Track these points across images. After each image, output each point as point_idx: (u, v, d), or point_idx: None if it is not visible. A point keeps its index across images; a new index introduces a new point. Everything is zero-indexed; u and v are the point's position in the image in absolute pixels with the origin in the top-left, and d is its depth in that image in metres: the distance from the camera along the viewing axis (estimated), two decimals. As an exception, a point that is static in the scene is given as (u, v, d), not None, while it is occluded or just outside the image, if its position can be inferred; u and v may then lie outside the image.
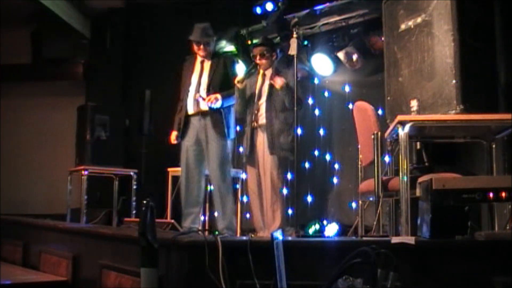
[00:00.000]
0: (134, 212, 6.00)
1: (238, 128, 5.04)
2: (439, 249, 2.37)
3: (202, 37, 4.62)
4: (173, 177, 5.93)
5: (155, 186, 6.39)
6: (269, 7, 5.79)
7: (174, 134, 4.69)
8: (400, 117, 2.89)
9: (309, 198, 5.80)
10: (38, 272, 3.78)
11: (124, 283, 2.74)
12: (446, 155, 4.12)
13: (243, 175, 6.03)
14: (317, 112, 6.07)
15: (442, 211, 2.38)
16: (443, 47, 2.91)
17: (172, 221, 4.73)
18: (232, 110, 4.63)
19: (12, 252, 4.38)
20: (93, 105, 6.12)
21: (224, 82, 4.55)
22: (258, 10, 5.90)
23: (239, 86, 4.45)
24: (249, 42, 6.39)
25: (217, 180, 4.50)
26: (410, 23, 3.11)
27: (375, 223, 3.27)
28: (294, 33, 3.94)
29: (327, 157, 5.89)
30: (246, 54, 6.37)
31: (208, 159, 4.53)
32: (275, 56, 4.69)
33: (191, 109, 4.58)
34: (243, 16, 6.31)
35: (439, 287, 2.32)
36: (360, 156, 3.86)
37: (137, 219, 4.23)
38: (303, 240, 2.70)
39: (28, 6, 6.87)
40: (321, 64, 5.86)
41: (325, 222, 5.66)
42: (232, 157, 4.84)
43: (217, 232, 3.14)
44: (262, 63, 4.59)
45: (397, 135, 2.90)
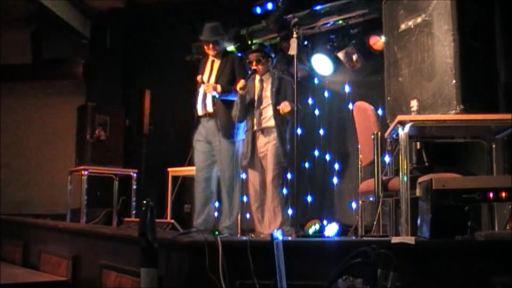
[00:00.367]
0: (134, 212, 6.00)
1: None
2: (439, 249, 2.37)
3: (211, 37, 4.65)
4: (173, 177, 5.94)
5: (155, 186, 6.40)
6: (269, 7, 5.79)
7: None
8: (400, 117, 2.89)
9: (309, 198, 5.81)
10: (38, 272, 3.78)
11: (124, 283, 2.74)
12: (446, 155, 4.12)
13: (243, 175, 6.05)
14: (317, 112, 6.07)
15: (442, 211, 2.38)
16: (443, 47, 2.91)
17: (172, 221, 4.73)
18: None
19: (12, 252, 4.38)
20: (93, 105, 6.12)
21: (230, 82, 4.58)
22: (258, 10, 5.91)
23: (241, 93, 4.46)
24: (249, 42, 6.40)
25: (225, 181, 4.53)
26: (410, 23, 3.11)
27: (375, 223, 3.27)
28: (294, 33, 3.94)
29: (327, 157, 5.89)
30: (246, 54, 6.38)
31: (217, 160, 4.58)
32: (271, 62, 4.72)
33: (200, 111, 4.64)
34: (243, 16, 6.31)
35: (439, 287, 2.32)
36: (360, 156, 3.87)
37: (137, 219, 4.24)
38: (303, 240, 2.70)
39: (28, 6, 6.88)
40: (321, 64, 5.85)
41: (325, 222, 5.66)
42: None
43: (217, 232, 3.14)
44: (259, 69, 4.62)
45: (397, 135, 2.90)
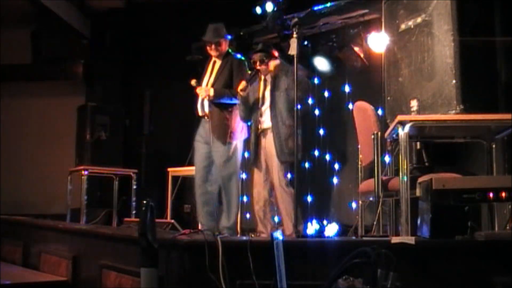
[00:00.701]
0: (134, 212, 6.00)
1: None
2: (439, 249, 2.37)
3: (213, 37, 4.66)
4: (173, 177, 5.94)
5: (155, 186, 6.40)
6: (269, 7, 5.79)
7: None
8: (400, 117, 2.89)
9: (309, 198, 5.81)
10: (38, 272, 3.78)
11: (124, 283, 2.73)
12: (446, 155, 4.11)
13: (243, 175, 6.05)
14: (317, 112, 6.06)
15: (442, 211, 2.38)
16: (443, 47, 2.91)
17: (172, 221, 4.73)
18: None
19: (12, 252, 4.38)
20: (93, 105, 6.13)
21: (226, 85, 4.59)
22: (258, 10, 5.90)
23: (242, 94, 4.46)
24: (249, 42, 6.40)
25: (222, 182, 4.55)
26: (410, 23, 3.11)
27: (375, 223, 3.27)
28: (294, 33, 3.94)
29: (327, 157, 5.89)
30: (246, 54, 6.38)
31: (215, 162, 4.59)
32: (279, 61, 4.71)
33: (200, 112, 4.67)
34: (243, 16, 6.31)
35: (439, 287, 2.32)
36: (360, 156, 3.87)
37: (137, 219, 4.24)
38: (303, 240, 2.70)
39: (28, 6, 6.87)
40: (321, 64, 5.85)
41: (325, 222, 5.66)
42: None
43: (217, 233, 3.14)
44: (262, 69, 4.61)
45: (397, 135, 2.90)
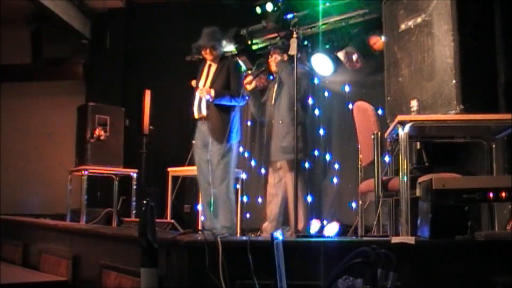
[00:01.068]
0: (134, 212, 6.00)
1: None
2: (439, 249, 2.37)
3: (208, 41, 4.68)
4: (173, 177, 5.94)
5: (155, 186, 6.40)
6: (269, 7, 5.79)
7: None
8: (400, 117, 2.89)
9: (309, 198, 5.79)
10: (38, 272, 3.77)
11: (124, 283, 2.73)
12: (446, 155, 4.11)
13: (243, 175, 6.05)
14: (317, 112, 6.06)
15: (442, 211, 2.38)
16: (443, 47, 2.91)
17: (172, 221, 4.74)
18: (235, 114, 4.67)
19: (12, 252, 4.38)
20: (93, 105, 6.12)
21: (225, 87, 4.60)
22: (258, 10, 5.90)
23: (249, 88, 4.45)
24: (249, 42, 6.40)
25: (217, 183, 4.53)
26: (410, 23, 3.11)
27: (375, 223, 3.27)
28: (294, 33, 3.94)
29: (327, 157, 5.89)
30: (246, 54, 6.38)
31: (211, 161, 4.58)
32: (286, 58, 4.74)
33: (196, 114, 4.68)
34: (243, 16, 6.31)
35: (439, 287, 2.32)
36: (360, 156, 3.86)
37: (137, 219, 4.24)
38: (303, 240, 2.69)
39: (28, 6, 6.87)
40: (321, 64, 5.85)
41: (325, 222, 5.66)
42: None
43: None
44: (271, 63, 4.64)
45: (397, 135, 2.90)
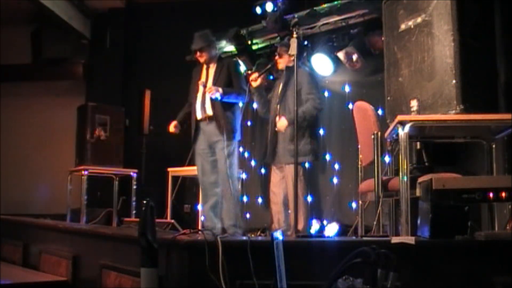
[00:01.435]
0: (134, 212, 6.00)
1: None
2: (439, 249, 2.37)
3: (199, 44, 4.72)
4: (173, 177, 5.94)
5: (155, 186, 6.40)
6: (269, 7, 5.79)
7: (174, 123, 4.83)
8: (400, 117, 2.89)
9: (309, 198, 5.79)
10: (38, 272, 3.77)
11: (124, 283, 2.73)
12: (446, 155, 4.11)
13: (243, 175, 6.05)
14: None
15: (442, 211, 2.38)
16: (443, 47, 2.91)
17: (172, 221, 4.74)
18: (238, 113, 4.71)
19: (12, 252, 4.38)
20: (93, 105, 6.13)
21: (227, 85, 4.63)
22: (258, 10, 5.90)
23: (254, 85, 4.46)
24: (249, 42, 6.40)
25: (224, 181, 4.57)
26: (410, 23, 3.11)
27: (375, 223, 3.27)
28: (294, 33, 3.94)
29: (327, 157, 5.89)
30: (246, 54, 6.38)
31: (218, 159, 4.62)
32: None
33: (199, 115, 4.69)
34: (243, 16, 6.31)
35: (439, 287, 2.32)
36: (360, 156, 3.86)
37: (137, 219, 4.24)
38: (303, 240, 2.69)
39: (28, 6, 6.87)
40: (321, 64, 5.85)
41: (325, 222, 5.66)
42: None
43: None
44: (279, 62, 4.64)
45: (397, 135, 2.90)
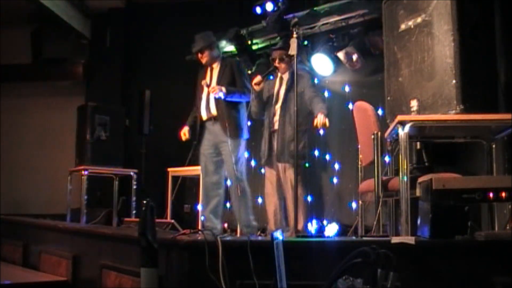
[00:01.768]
0: (134, 212, 6.00)
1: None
2: (439, 249, 2.37)
3: (199, 45, 4.75)
4: (173, 177, 5.94)
5: (155, 186, 6.40)
6: (269, 7, 5.78)
7: (184, 130, 4.87)
8: (400, 117, 2.89)
9: (309, 198, 5.80)
10: (38, 272, 3.78)
11: (124, 283, 2.74)
12: (446, 155, 4.11)
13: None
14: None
15: (442, 211, 2.38)
16: (443, 47, 2.91)
17: (172, 221, 4.73)
18: (243, 112, 4.72)
19: (12, 252, 4.38)
20: (93, 105, 6.12)
21: (231, 85, 4.64)
22: (258, 10, 5.89)
23: (256, 88, 4.48)
24: (249, 42, 6.40)
25: (234, 181, 4.59)
26: (410, 23, 3.11)
27: (375, 223, 3.27)
28: (294, 33, 3.94)
29: (327, 157, 5.89)
30: (246, 54, 6.38)
31: (224, 161, 4.64)
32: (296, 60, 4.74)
33: (205, 115, 4.72)
34: (243, 16, 6.31)
35: (439, 287, 2.32)
36: (360, 156, 3.86)
37: (137, 219, 4.24)
38: (303, 240, 2.70)
39: (28, 6, 6.87)
40: (321, 64, 5.85)
41: (325, 222, 5.66)
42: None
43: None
44: (281, 67, 4.64)
45: (397, 135, 2.90)
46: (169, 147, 6.77)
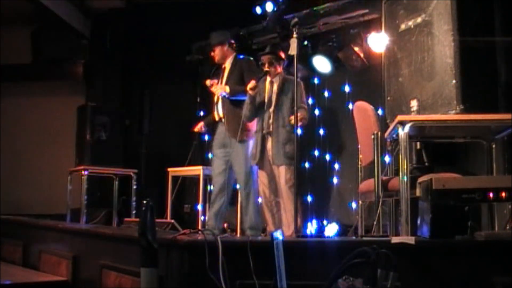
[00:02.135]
0: (134, 212, 6.00)
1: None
2: (439, 249, 2.37)
3: (211, 42, 4.87)
4: (173, 177, 5.94)
5: (155, 186, 6.40)
6: (269, 7, 5.79)
7: (200, 124, 5.16)
8: (400, 117, 2.89)
9: (309, 198, 5.80)
10: (38, 272, 3.78)
11: (124, 283, 2.74)
12: (446, 155, 4.11)
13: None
14: (317, 112, 6.06)
15: (442, 211, 2.38)
16: (443, 47, 2.91)
17: (172, 221, 4.73)
18: None
19: (12, 252, 4.38)
20: (93, 105, 6.12)
21: (239, 84, 4.68)
22: (258, 10, 5.90)
23: (251, 93, 4.49)
24: (249, 42, 6.39)
25: (241, 181, 4.63)
26: (410, 23, 3.11)
27: (375, 223, 3.27)
28: (294, 33, 3.94)
29: (327, 157, 5.89)
30: (246, 54, 6.37)
31: (232, 163, 4.66)
32: (283, 64, 4.74)
33: (217, 116, 4.81)
34: (243, 16, 6.31)
35: (439, 287, 2.32)
36: (360, 156, 3.86)
37: (137, 219, 4.24)
38: (303, 240, 2.70)
39: (28, 6, 6.86)
40: (321, 64, 5.85)
41: (325, 222, 5.66)
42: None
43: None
44: (271, 71, 4.63)
45: (397, 135, 2.90)
46: (169, 147, 6.79)
